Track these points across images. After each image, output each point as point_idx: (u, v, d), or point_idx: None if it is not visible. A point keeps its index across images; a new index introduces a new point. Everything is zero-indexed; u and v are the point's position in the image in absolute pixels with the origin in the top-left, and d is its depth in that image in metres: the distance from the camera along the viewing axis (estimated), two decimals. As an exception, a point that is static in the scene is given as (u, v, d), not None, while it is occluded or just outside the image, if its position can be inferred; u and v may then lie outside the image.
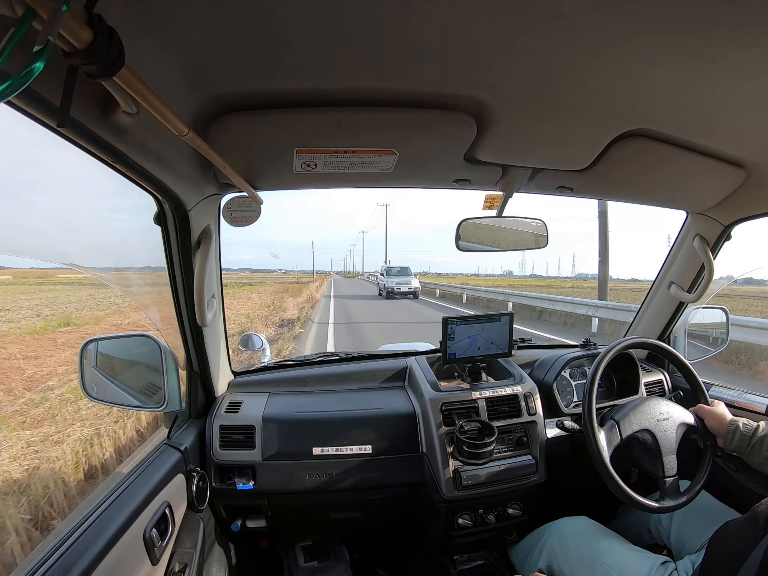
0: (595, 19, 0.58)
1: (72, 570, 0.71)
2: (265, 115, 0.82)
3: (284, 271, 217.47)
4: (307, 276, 69.93)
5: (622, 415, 1.21)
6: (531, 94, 0.78)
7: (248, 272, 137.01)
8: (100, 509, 0.86)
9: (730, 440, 1.13)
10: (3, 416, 4.09)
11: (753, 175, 1.10)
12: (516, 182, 1.18)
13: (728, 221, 1.38)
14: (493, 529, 1.41)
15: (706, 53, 0.64)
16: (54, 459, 3.24)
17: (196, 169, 0.96)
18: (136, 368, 1.34)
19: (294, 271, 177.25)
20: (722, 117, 0.85)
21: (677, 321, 1.69)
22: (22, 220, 24.79)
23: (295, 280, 51.20)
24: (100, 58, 0.44)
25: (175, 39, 0.60)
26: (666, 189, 1.26)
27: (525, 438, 1.39)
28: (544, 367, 1.60)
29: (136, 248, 1.43)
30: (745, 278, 26.34)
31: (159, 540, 0.93)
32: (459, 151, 1.00)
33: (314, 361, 1.73)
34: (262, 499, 1.35)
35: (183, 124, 0.65)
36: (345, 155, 0.96)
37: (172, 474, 1.07)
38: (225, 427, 1.33)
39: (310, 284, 35.22)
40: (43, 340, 8.00)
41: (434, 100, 0.82)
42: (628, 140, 0.95)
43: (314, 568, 1.48)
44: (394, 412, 1.43)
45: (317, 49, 0.65)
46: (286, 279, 58.70)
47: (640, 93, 0.77)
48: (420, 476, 1.35)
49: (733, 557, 0.85)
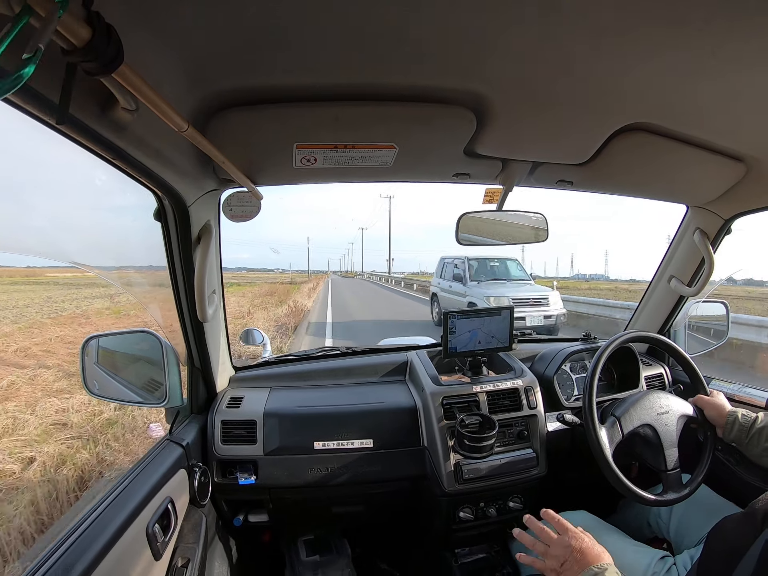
0: (593, 12, 0.57)
1: (75, 566, 0.71)
2: (265, 110, 0.82)
3: (281, 270, 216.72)
4: (302, 276, 66.99)
5: (623, 411, 1.21)
6: (530, 87, 0.78)
7: (245, 271, 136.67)
8: (102, 505, 0.87)
9: (729, 431, 1.13)
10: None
11: (753, 169, 1.10)
12: (516, 176, 1.18)
13: (728, 215, 1.38)
14: (495, 523, 1.42)
15: (706, 45, 0.63)
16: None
17: (195, 164, 0.96)
18: (137, 364, 1.35)
19: (290, 270, 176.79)
20: (722, 110, 0.85)
21: (677, 315, 1.69)
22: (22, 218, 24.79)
23: (289, 280, 47.37)
24: (99, 55, 0.44)
25: (173, 35, 0.60)
26: (666, 182, 1.26)
27: (526, 432, 1.39)
28: (545, 360, 1.60)
29: (136, 245, 1.43)
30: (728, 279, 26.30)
31: (162, 535, 0.94)
32: (459, 145, 0.99)
33: (315, 356, 1.73)
34: (264, 494, 1.35)
35: (182, 120, 0.65)
36: (345, 150, 0.96)
37: (174, 469, 1.08)
38: (226, 422, 1.33)
39: (302, 286, 29.39)
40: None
41: (434, 94, 0.81)
42: (628, 134, 0.95)
43: (316, 562, 1.49)
44: (395, 406, 1.43)
45: (317, 45, 0.65)
46: (278, 279, 54.74)
47: (640, 86, 0.76)
48: (421, 470, 1.36)
49: (730, 553, 0.85)
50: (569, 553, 0.84)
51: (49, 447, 3.41)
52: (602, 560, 0.82)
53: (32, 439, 3.61)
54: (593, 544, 0.85)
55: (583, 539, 0.86)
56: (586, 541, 0.86)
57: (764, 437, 1.08)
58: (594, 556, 0.82)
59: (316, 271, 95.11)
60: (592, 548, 0.84)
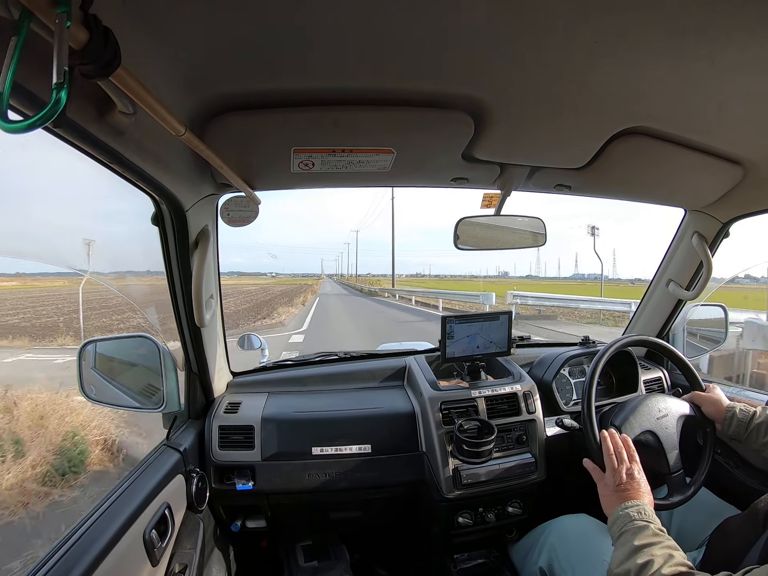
0: (592, 18, 0.58)
1: (72, 572, 0.71)
2: (262, 114, 0.82)
3: (273, 274, 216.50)
4: (295, 280, 62.04)
5: (623, 419, 1.19)
6: (529, 92, 0.78)
7: (236, 275, 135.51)
8: (99, 511, 0.86)
9: (728, 425, 1.13)
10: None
11: (750, 173, 1.10)
12: (514, 180, 1.18)
13: (726, 218, 1.38)
14: (493, 528, 1.41)
15: (705, 52, 0.64)
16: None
17: (193, 169, 0.96)
18: (134, 369, 1.34)
19: (283, 274, 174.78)
20: (720, 115, 0.85)
21: (676, 318, 1.70)
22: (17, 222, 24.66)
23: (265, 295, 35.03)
24: (96, 58, 0.44)
25: (171, 39, 0.60)
26: (664, 186, 1.26)
27: (524, 436, 1.39)
28: (543, 365, 1.60)
29: (133, 249, 1.43)
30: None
31: (159, 541, 0.93)
32: (457, 149, 0.99)
33: (313, 361, 1.73)
34: (262, 500, 1.34)
35: (180, 124, 0.65)
36: (342, 154, 0.96)
37: (171, 475, 1.07)
38: (224, 427, 1.33)
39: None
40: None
41: (432, 99, 0.81)
42: (626, 138, 0.95)
43: (314, 568, 1.48)
44: (393, 411, 1.42)
45: (315, 49, 0.65)
46: (254, 287, 50.67)
47: (638, 91, 0.77)
48: (420, 475, 1.35)
49: (733, 553, 0.85)
50: (628, 480, 0.95)
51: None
52: (643, 498, 0.91)
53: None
54: (646, 485, 0.95)
55: (642, 475, 0.96)
56: (643, 480, 0.96)
57: (763, 432, 1.08)
58: (640, 493, 0.92)
59: (308, 274, 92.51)
60: (643, 487, 0.94)
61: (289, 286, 52.87)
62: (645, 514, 0.85)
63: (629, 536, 0.81)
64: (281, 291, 39.07)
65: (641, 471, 0.97)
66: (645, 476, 0.97)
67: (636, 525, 0.83)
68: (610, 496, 0.95)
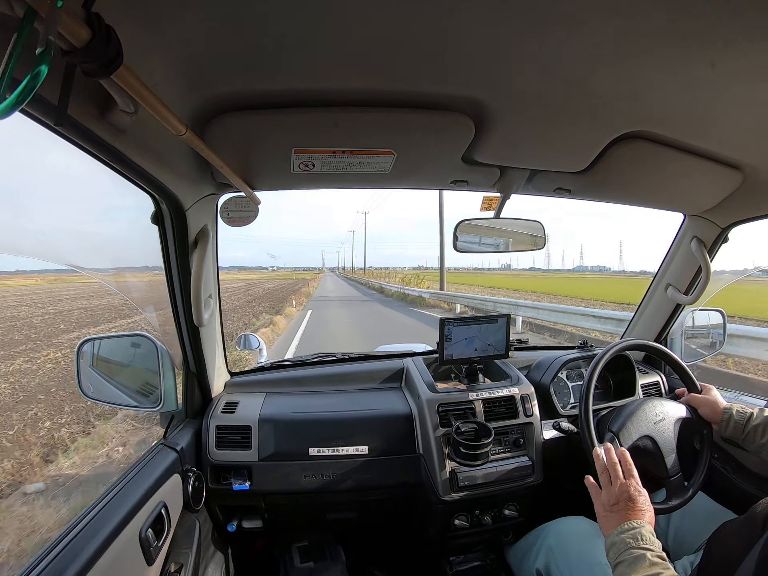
0: (593, 22, 0.58)
1: (67, 571, 0.71)
2: (263, 114, 0.82)
3: (274, 268, 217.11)
4: (293, 274, 58.02)
5: (620, 425, 1.19)
6: (529, 95, 0.78)
7: (236, 270, 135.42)
8: (95, 509, 0.86)
9: (725, 427, 1.14)
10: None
11: (750, 178, 1.10)
12: (514, 184, 1.18)
13: (725, 223, 1.38)
14: (490, 530, 1.41)
15: (705, 57, 0.64)
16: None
17: (193, 168, 0.96)
18: (132, 368, 1.34)
19: (284, 268, 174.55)
20: (720, 120, 0.85)
21: (674, 323, 1.70)
22: (18, 220, 24.63)
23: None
24: (98, 56, 0.44)
25: (173, 38, 0.60)
26: (664, 191, 1.26)
27: (522, 439, 1.39)
28: (541, 368, 1.60)
29: (133, 248, 1.43)
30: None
31: (155, 540, 0.93)
32: (457, 152, 0.99)
33: (311, 362, 1.73)
34: (259, 500, 1.34)
35: (180, 123, 0.65)
36: (343, 155, 0.96)
37: (168, 474, 1.07)
38: (221, 427, 1.33)
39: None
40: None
41: (433, 101, 0.82)
42: (626, 142, 0.95)
43: (310, 568, 1.47)
44: (390, 413, 1.42)
45: (316, 50, 0.65)
46: (250, 282, 48.55)
47: (638, 96, 0.77)
48: (416, 477, 1.35)
49: (731, 557, 0.85)
50: (624, 499, 0.90)
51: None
52: (641, 518, 0.86)
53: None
54: (644, 501, 0.90)
55: (640, 493, 0.91)
56: (641, 497, 0.90)
57: (760, 434, 1.08)
58: (637, 513, 0.87)
59: (309, 268, 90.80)
60: (641, 504, 0.89)
61: (284, 280, 50.12)
62: (642, 539, 0.80)
63: (625, 568, 0.78)
64: (266, 291, 30.26)
65: (639, 486, 0.92)
66: (645, 488, 0.93)
67: (632, 555, 0.78)
68: (605, 515, 0.91)
